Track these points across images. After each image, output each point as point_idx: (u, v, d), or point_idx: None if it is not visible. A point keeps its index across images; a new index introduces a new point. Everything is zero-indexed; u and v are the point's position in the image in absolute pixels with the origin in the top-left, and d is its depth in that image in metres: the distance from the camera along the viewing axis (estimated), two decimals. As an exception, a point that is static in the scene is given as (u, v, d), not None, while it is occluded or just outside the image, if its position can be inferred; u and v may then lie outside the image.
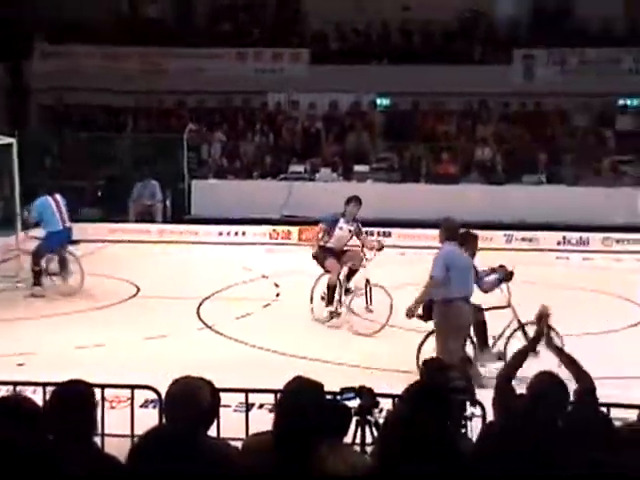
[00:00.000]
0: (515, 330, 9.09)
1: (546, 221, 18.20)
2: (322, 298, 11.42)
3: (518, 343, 8.52)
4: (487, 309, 9.13)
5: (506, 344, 9.05)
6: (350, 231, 11.35)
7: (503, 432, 4.34)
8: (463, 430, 5.38)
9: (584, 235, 17.61)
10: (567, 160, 20.26)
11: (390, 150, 21.24)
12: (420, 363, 8.02)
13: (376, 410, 5.53)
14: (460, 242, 8.83)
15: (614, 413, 5.53)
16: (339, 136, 21.76)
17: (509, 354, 8.61)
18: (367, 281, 11.12)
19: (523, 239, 17.73)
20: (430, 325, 8.78)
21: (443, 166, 20.41)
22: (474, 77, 21.39)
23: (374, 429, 5.34)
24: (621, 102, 22.27)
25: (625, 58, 22.06)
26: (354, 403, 5.37)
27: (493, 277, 9.13)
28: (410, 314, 8.44)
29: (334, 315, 11.39)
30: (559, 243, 17.60)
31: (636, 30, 22.61)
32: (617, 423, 4.69)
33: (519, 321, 9.06)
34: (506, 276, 9.14)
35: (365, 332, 10.92)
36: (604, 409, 5.23)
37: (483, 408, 5.76)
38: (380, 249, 11.15)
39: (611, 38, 22.57)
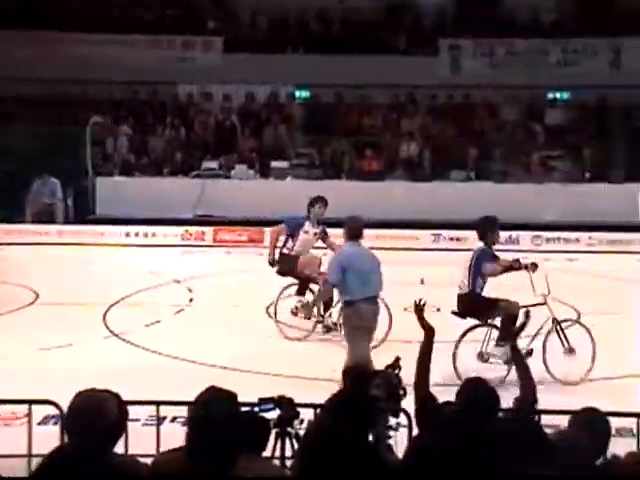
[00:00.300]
0: (552, 327, 9.38)
1: (475, 220, 18.47)
2: (293, 313, 10.97)
3: (557, 340, 9.24)
4: (522, 307, 9.31)
5: (545, 341, 9.32)
6: (315, 234, 11.13)
7: (432, 444, 4.40)
8: (389, 441, 5.42)
9: (514, 234, 17.96)
10: (496, 155, 20.66)
11: (310, 145, 21.31)
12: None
13: (296, 421, 5.53)
14: (480, 234, 9.56)
15: (545, 420, 5.65)
16: (255, 130, 21.72)
17: (548, 351, 9.20)
18: (554, 320, 10.37)
19: (451, 239, 17.97)
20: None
21: (367, 162, 20.57)
22: (399, 68, 21.63)
23: (294, 441, 5.34)
24: (550, 95, 22.83)
25: (554, 50, 22.62)
26: (273, 414, 5.36)
27: (492, 264, 9.38)
28: (306, 316, 9.07)
29: (333, 328, 10.76)
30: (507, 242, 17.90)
31: (565, 21, 23.21)
32: (548, 430, 4.80)
33: (555, 319, 9.41)
34: (527, 268, 9.45)
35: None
36: (535, 416, 5.34)
37: (409, 417, 5.81)
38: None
39: (540, 29, 23.14)
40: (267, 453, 4.82)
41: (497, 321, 9.43)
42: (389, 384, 5.68)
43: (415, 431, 5.69)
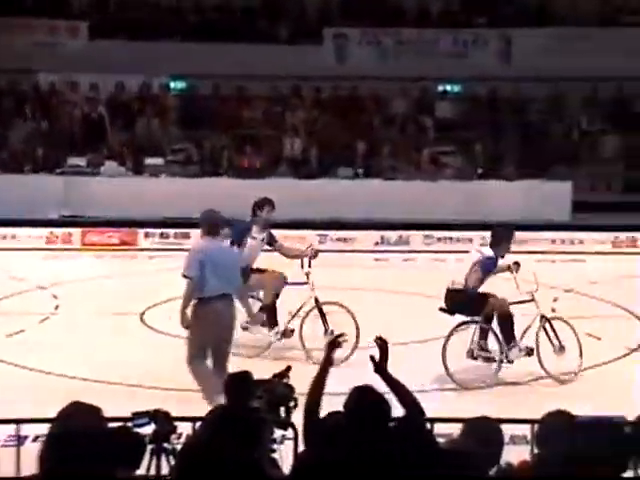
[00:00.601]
0: (540, 325, 9.89)
1: (363, 219, 18.69)
2: (244, 328, 10.62)
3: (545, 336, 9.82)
4: (510, 304, 9.80)
5: (537, 339, 9.84)
6: (262, 240, 10.95)
7: (316, 457, 4.39)
8: (274, 455, 5.39)
9: (404, 233, 18.20)
10: (385, 151, 20.90)
11: (187, 140, 21.10)
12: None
13: (173, 436, 5.46)
14: (494, 242, 9.90)
15: (438, 428, 5.72)
16: (126, 124, 21.39)
17: (542, 348, 9.80)
18: (316, 300, 10.60)
19: (338, 239, 18.10)
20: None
21: (248, 158, 20.51)
22: (282, 58, 21.65)
23: (171, 458, 5.26)
24: (440, 88, 23.28)
25: (444, 40, 23.06)
26: (148, 429, 5.28)
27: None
28: (184, 324, 8.84)
29: (287, 334, 10.69)
30: (377, 243, 18.08)
31: (455, 10, 23.72)
32: (441, 440, 4.85)
33: (543, 315, 9.95)
34: (510, 268, 9.94)
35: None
36: (427, 424, 5.39)
37: (295, 430, 5.80)
38: (315, 256, 10.82)
39: (429, 18, 23.57)
40: (142, 471, 4.73)
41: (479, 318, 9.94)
42: (272, 395, 5.64)
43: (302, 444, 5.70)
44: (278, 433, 5.65)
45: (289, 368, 6.01)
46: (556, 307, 13.17)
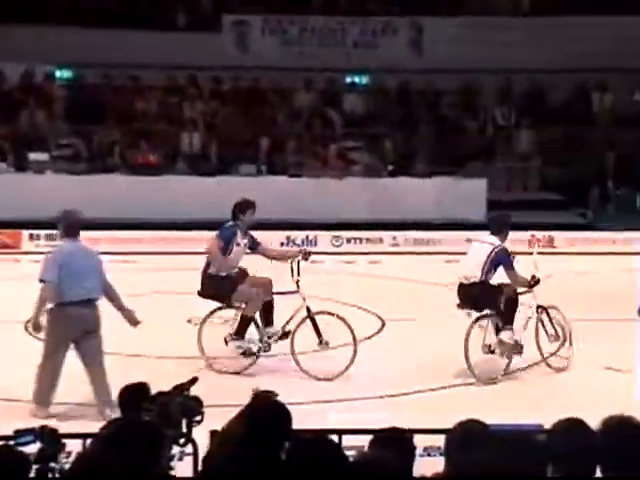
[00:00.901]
0: (538, 314, 10.66)
1: (267, 219, 18.67)
2: (226, 342, 10.57)
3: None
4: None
5: (537, 327, 10.67)
6: (245, 245, 10.80)
7: (215, 469, 4.37)
8: (172, 472, 5.34)
9: (311, 234, 18.26)
10: (290, 147, 20.93)
11: (75, 134, 20.79)
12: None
13: (61, 455, 5.35)
14: (495, 230, 10.61)
15: (346, 441, 5.74)
16: (8, 116, 20.95)
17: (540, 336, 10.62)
18: (308, 310, 10.51)
19: (242, 240, 18.04)
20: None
21: (143, 154, 20.31)
22: (178, 47, 21.55)
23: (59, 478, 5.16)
24: (348, 79, 23.41)
25: (351, 28, 23.21)
26: (34, 447, 5.17)
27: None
28: (36, 329, 8.92)
29: (247, 354, 10.56)
30: (282, 244, 18.11)
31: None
32: (349, 452, 4.88)
33: (539, 305, 10.66)
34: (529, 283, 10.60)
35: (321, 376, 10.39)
36: (335, 436, 5.41)
37: (195, 446, 5.76)
38: (306, 257, 10.71)
39: (336, 5, 23.69)
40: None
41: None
42: (167, 409, 5.59)
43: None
44: (177, 449, 5.60)
45: (194, 380, 5.96)
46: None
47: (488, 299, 10.37)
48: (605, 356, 10.97)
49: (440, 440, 6.18)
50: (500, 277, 10.48)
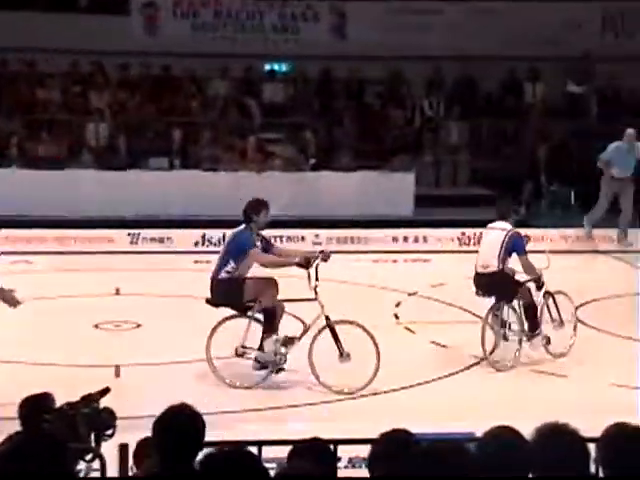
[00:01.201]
0: (545, 301, 11.46)
1: (181, 215, 18.57)
2: (238, 354, 10.44)
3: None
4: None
5: (540, 315, 11.36)
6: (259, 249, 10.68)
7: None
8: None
9: (228, 232, 18.02)
10: (205, 138, 20.81)
11: (-32, 125, 20.43)
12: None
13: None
14: (502, 213, 11.60)
15: (266, 452, 5.75)
16: None
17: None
18: (327, 318, 10.37)
19: (152, 239, 17.90)
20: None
21: (44, 146, 20.04)
22: (81, 30, 21.27)
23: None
24: (267, 67, 23.38)
25: (269, 13, 23.17)
26: None
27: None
28: None
29: (272, 367, 10.39)
30: (197, 243, 18.01)
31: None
32: (269, 465, 4.89)
33: (547, 291, 11.44)
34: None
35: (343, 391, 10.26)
36: (254, 448, 5.42)
37: (103, 461, 5.70)
38: (325, 259, 10.49)
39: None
40: None
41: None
42: (72, 421, 5.53)
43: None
44: (83, 465, 5.55)
45: (106, 390, 5.90)
46: (398, 313, 13.50)
47: (506, 290, 11.11)
48: (543, 360, 11.16)
49: (366, 450, 6.23)
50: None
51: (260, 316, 10.45)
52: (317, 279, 10.31)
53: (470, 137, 22.25)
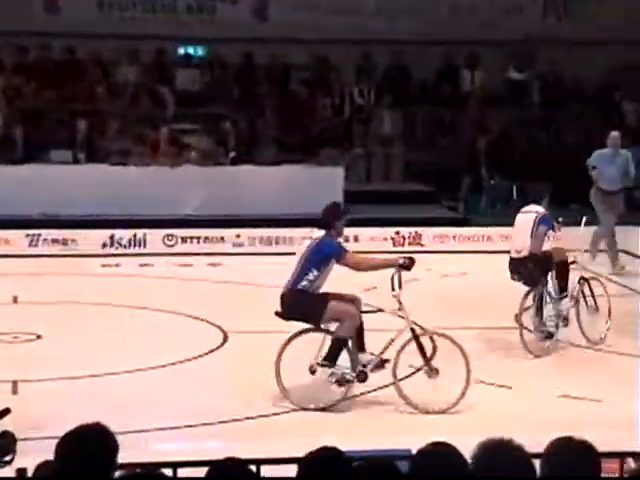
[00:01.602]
0: (580, 287, 12.64)
1: (87, 215, 18.41)
2: (312, 371, 10.33)
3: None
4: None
5: (577, 303, 12.56)
6: None
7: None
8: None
9: (139, 232, 18.08)
10: (112, 130, 20.65)
11: None
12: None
13: None
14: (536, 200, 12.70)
15: (183, 473, 5.72)
16: None
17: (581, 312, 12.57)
18: (413, 330, 10.35)
19: (54, 240, 17.76)
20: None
21: None
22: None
23: None
24: (181, 51, 23.28)
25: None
26: None
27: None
28: None
29: (342, 382, 10.30)
30: (105, 245, 17.88)
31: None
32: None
33: (582, 276, 12.71)
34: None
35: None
36: (169, 470, 5.38)
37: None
38: (409, 266, 10.34)
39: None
40: None
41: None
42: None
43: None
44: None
45: (6, 411, 5.82)
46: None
47: (540, 272, 12.20)
48: (483, 370, 11.19)
49: (291, 471, 6.21)
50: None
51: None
52: (400, 287, 10.33)
53: (404, 128, 22.35)
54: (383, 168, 22.03)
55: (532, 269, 12.17)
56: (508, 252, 12.60)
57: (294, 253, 17.72)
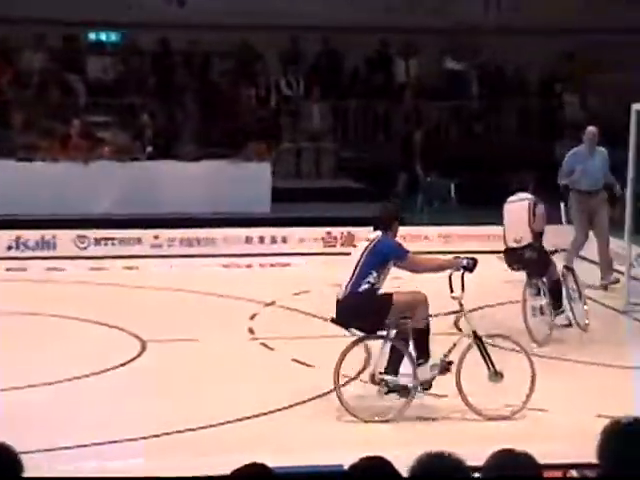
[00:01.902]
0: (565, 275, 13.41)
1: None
2: (375, 382, 10.33)
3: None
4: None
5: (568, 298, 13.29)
6: None
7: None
8: None
9: (47, 233, 17.92)
10: (17, 122, 20.46)
11: None
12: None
13: None
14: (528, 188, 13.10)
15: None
16: None
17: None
18: (474, 334, 10.42)
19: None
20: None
21: None
22: None
23: None
24: (92, 36, 23.11)
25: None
26: None
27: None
28: None
29: (404, 392, 10.33)
30: (11, 247, 17.70)
31: None
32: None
33: (566, 266, 13.76)
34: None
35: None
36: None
37: None
38: (472, 268, 10.41)
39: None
40: None
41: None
42: None
43: None
44: None
45: None
46: (253, 327, 13.46)
47: (540, 265, 12.83)
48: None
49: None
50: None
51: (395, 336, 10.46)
52: (463, 289, 10.45)
53: (335, 121, 22.41)
54: (313, 164, 22.04)
55: (536, 258, 12.76)
56: (449, 252, 12.72)
57: (217, 256, 17.87)
